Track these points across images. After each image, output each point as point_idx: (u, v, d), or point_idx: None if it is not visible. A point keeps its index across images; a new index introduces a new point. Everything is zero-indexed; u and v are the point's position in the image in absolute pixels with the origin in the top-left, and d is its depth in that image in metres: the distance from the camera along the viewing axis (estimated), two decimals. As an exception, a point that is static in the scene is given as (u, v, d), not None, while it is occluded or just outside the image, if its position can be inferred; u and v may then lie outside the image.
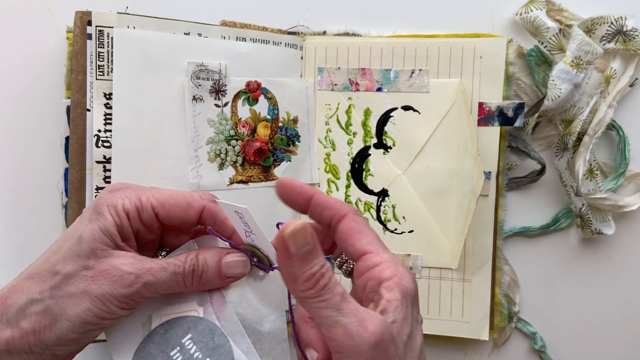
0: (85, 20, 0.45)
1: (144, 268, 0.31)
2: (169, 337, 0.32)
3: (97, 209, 0.32)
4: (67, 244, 0.31)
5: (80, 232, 0.31)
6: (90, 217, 0.31)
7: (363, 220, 0.33)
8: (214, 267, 0.33)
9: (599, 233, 0.50)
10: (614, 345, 0.53)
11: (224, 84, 0.49)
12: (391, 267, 0.30)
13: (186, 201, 0.33)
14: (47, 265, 0.31)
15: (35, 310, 0.30)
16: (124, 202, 0.32)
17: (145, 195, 0.33)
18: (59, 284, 0.30)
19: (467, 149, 0.48)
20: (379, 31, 0.53)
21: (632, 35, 0.49)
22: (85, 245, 0.30)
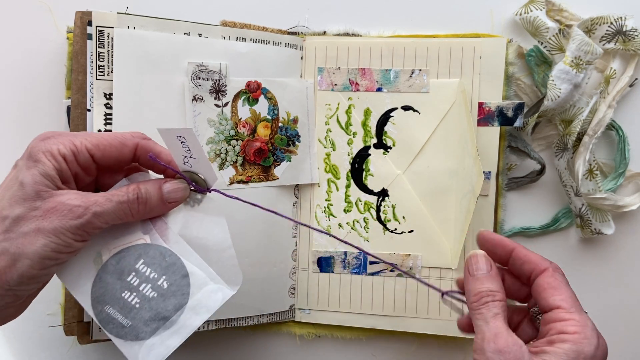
0: (86, 20, 0.45)
1: (90, 200, 0.33)
2: (122, 266, 0.35)
3: (32, 156, 0.33)
4: (8, 192, 0.32)
5: (21, 179, 0.32)
6: (27, 164, 0.33)
7: (563, 277, 0.36)
8: (156, 194, 0.35)
9: (599, 233, 0.51)
10: (614, 345, 0.53)
11: (224, 84, 0.49)
12: (578, 326, 0.33)
13: (119, 141, 0.35)
14: None
15: None
16: (59, 147, 0.33)
17: (79, 140, 0.34)
18: (10, 226, 0.32)
19: (467, 149, 0.48)
20: (379, 31, 0.53)
21: (632, 35, 0.49)
22: (28, 189, 0.32)
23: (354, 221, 0.53)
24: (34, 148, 0.33)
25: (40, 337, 0.53)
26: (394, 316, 0.52)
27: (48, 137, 0.34)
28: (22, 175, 0.32)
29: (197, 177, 0.36)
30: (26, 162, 0.33)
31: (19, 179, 0.32)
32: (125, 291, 0.35)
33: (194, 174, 0.36)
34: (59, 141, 0.34)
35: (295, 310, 0.54)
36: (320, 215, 0.53)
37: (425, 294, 0.52)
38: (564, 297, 0.34)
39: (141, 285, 0.35)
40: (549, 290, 0.35)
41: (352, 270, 0.53)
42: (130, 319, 0.34)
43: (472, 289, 0.36)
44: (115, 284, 0.35)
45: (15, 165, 0.34)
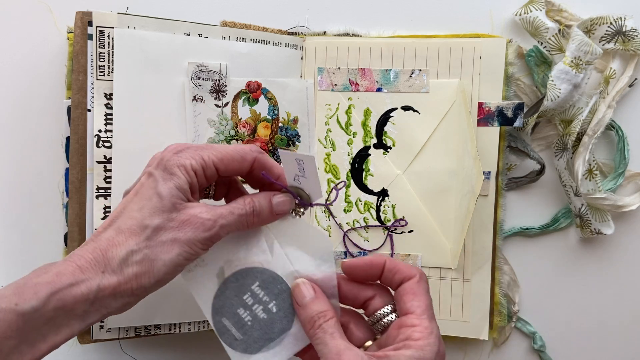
0: (86, 20, 0.45)
1: (217, 213, 0.36)
2: (240, 284, 0.39)
3: (168, 169, 0.36)
4: (149, 202, 0.35)
5: (159, 191, 0.35)
6: (164, 177, 0.36)
7: (426, 285, 0.38)
8: (267, 206, 0.39)
9: (599, 233, 0.51)
10: (613, 345, 0.53)
11: (224, 84, 0.49)
12: (424, 332, 0.35)
13: (240, 155, 0.38)
14: (135, 221, 0.35)
15: (136, 260, 0.34)
16: (192, 162, 0.37)
17: (206, 154, 0.37)
18: (151, 235, 0.35)
19: (467, 149, 0.48)
20: (378, 31, 0.53)
21: (632, 35, 0.49)
22: (166, 202, 0.35)
23: (354, 221, 0.53)
24: (169, 161, 0.36)
25: (41, 337, 0.53)
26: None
27: (180, 150, 0.37)
28: (159, 187, 0.36)
29: (301, 192, 0.39)
30: (162, 174, 0.36)
31: (157, 190, 0.36)
32: (240, 308, 0.39)
33: (299, 189, 0.39)
34: (191, 155, 0.37)
35: (295, 310, 0.54)
36: (320, 215, 0.53)
37: (425, 293, 0.52)
38: (419, 304, 0.36)
39: (254, 306, 0.39)
40: (408, 296, 0.37)
41: (352, 270, 0.53)
42: (242, 334, 0.38)
43: (303, 318, 0.37)
44: (233, 300, 0.39)
45: (150, 174, 0.37)
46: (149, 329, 0.48)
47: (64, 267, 0.33)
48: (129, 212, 0.36)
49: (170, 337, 0.53)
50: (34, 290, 0.32)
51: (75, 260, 0.34)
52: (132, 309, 0.38)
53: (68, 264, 0.34)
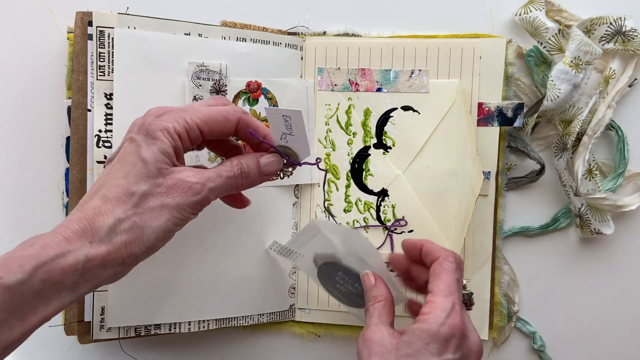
0: (86, 20, 0.45)
1: (205, 177, 0.36)
2: (330, 272, 0.46)
3: (150, 133, 0.35)
4: (134, 168, 0.35)
5: (143, 156, 0.35)
6: (146, 141, 0.35)
7: (449, 265, 0.40)
8: (255, 167, 0.39)
9: (598, 233, 0.51)
10: (613, 345, 0.53)
11: (224, 84, 0.49)
12: (432, 307, 0.38)
13: (223, 116, 0.38)
14: (121, 188, 0.34)
15: (124, 228, 0.34)
16: (175, 125, 0.36)
17: (189, 116, 0.37)
18: (138, 202, 0.34)
19: (467, 149, 0.48)
20: (378, 31, 0.53)
21: (631, 35, 0.49)
22: (151, 167, 0.35)
23: (354, 221, 0.53)
24: (150, 125, 0.35)
25: (41, 337, 0.53)
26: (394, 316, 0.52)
27: (161, 113, 0.36)
28: (143, 153, 0.35)
29: (289, 151, 0.40)
30: (145, 138, 0.35)
31: (141, 155, 0.35)
32: (337, 284, 0.47)
33: (287, 148, 0.40)
34: (173, 118, 0.36)
35: (295, 310, 0.54)
36: (320, 216, 0.53)
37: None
38: (437, 283, 0.39)
39: (345, 284, 0.46)
40: (432, 277, 0.40)
41: (352, 270, 0.53)
42: (346, 298, 0.47)
43: (366, 298, 0.42)
44: (328, 280, 0.47)
45: (132, 140, 0.36)
46: (149, 329, 0.48)
47: (50, 239, 0.33)
48: (114, 179, 0.35)
49: (170, 337, 0.53)
50: (19, 262, 0.31)
51: (61, 231, 0.33)
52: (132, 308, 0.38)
53: (54, 235, 0.33)
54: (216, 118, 0.38)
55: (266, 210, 0.51)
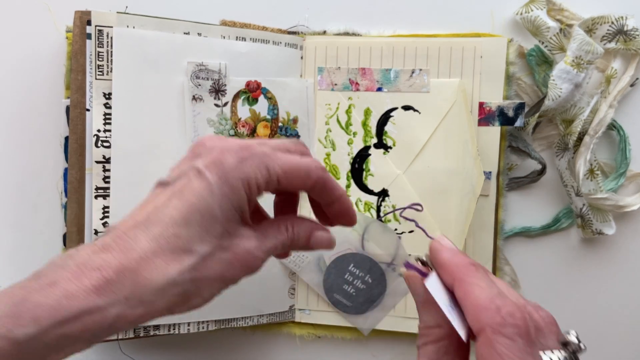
0: (85, 19, 0.45)
1: (267, 249, 0.32)
2: (340, 268, 0.49)
3: (229, 181, 0.30)
4: (197, 218, 0.29)
5: (213, 209, 0.29)
6: (222, 190, 0.29)
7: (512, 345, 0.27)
8: (304, 239, 0.35)
9: (600, 233, 0.50)
10: (615, 345, 0.53)
11: (223, 83, 0.49)
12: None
13: (305, 172, 0.33)
14: (180, 241, 0.29)
15: (174, 293, 0.29)
16: (257, 176, 0.31)
17: (272, 165, 0.31)
18: (196, 266, 0.29)
19: (468, 149, 0.48)
20: (379, 31, 0.52)
21: (633, 34, 0.49)
22: (219, 226, 0.30)
23: (354, 221, 0.53)
24: (232, 171, 0.30)
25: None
26: (395, 316, 0.52)
27: (245, 157, 0.30)
28: (214, 204, 0.29)
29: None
30: (220, 184, 0.29)
31: (211, 206, 0.29)
32: (345, 285, 0.49)
33: None
34: (257, 166, 0.31)
35: (295, 311, 0.54)
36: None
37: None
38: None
39: (354, 281, 0.49)
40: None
41: (352, 270, 0.52)
42: (351, 302, 0.50)
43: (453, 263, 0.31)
44: (338, 280, 0.49)
45: (201, 174, 0.30)
46: (148, 330, 0.47)
47: (77, 284, 0.27)
48: (171, 221, 0.29)
49: (169, 338, 0.53)
50: (34, 314, 0.26)
51: (93, 274, 0.27)
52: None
53: (82, 278, 0.27)
54: (298, 172, 0.32)
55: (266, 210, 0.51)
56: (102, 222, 0.45)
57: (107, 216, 0.45)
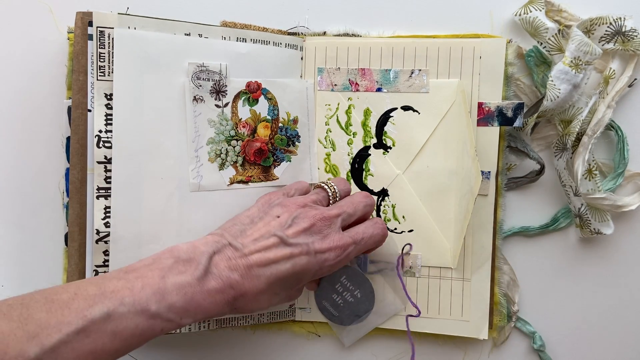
0: (86, 21, 0.45)
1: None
2: (332, 278, 0.50)
3: (323, 270, 0.43)
4: (293, 280, 0.42)
5: (303, 280, 0.43)
6: (316, 274, 0.43)
7: None
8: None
9: (598, 233, 0.51)
10: (613, 345, 0.53)
11: (224, 84, 0.49)
12: None
13: (375, 245, 0.47)
14: (277, 289, 0.42)
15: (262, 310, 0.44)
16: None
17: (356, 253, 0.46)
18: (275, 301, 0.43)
19: (466, 149, 0.48)
20: (378, 31, 0.53)
21: (631, 35, 0.49)
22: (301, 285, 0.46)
23: (354, 221, 0.53)
24: (328, 267, 0.43)
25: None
26: (394, 315, 0.52)
27: (341, 260, 0.44)
28: (306, 278, 0.43)
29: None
30: (317, 270, 0.43)
31: (304, 279, 0.43)
32: (334, 294, 0.50)
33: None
34: (342, 261, 0.44)
35: (295, 310, 0.54)
36: (320, 215, 0.53)
37: (425, 293, 0.52)
38: None
39: (344, 292, 0.50)
40: None
41: (352, 269, 0.53)
42: (338, 312, 0.51)
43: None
44: (328, 289, 0.50)
45: (309, 254, 0.42)
46: (150, 329, 0.48)
47: (218, 297, 0.39)
48: (280, 275, 0.41)
49: (170, 337, 0.53)
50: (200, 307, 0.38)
51: (230, 292, 0.39)
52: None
53: (223, 295, 0.39)
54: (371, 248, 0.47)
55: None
56: (104, 222, 0.45)
57: (109, 216, 0.45)
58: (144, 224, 0.46)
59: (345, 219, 0.44)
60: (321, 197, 0.46)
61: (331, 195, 0.47)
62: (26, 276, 0.52)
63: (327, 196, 0.47)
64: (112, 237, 0.45)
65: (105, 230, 0.45)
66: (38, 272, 0.52)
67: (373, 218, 0.46)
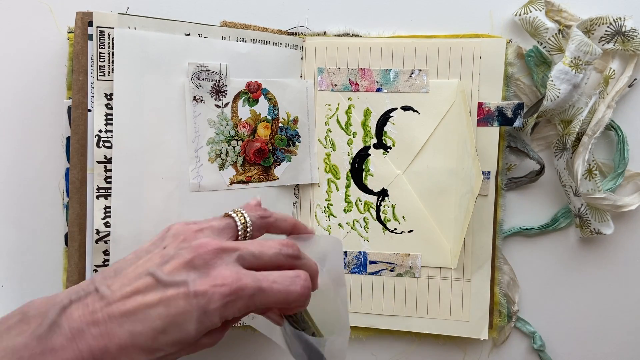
0: (86, 20, 0.45)
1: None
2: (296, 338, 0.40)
3: (210, 318, 0.32)
4: (175, 332, 0.32)
5: (189, 330, 0.32)
6: (204, 323, 0.32)
7: None
8: None
9: (598, 233, 0.51)
10: (613, 345, 0.53)
11: (224, 84, 0.49)
12: None
13: (286, 301, 0.34)
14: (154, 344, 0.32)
15: None
16: (239, 314, 0.34)
17: (257, 304, 0.34)
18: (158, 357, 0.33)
19: (467, 149, 0.48)
20: (378, 32, 0.53)
21: (631, 35, 0.49)
22: (190, 340, 0.33)
23: (354, 221, 0.53)
24: (216, 311, 0.32)
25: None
26: (394, 315, 0.52)
27: (232, 301, 0.33)
28: (192, 328, 0.32)
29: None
30: (203, 318, 0.32)
31: (189, 329, 0.32)
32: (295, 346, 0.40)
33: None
34: (240, 309, 0.33)
35: (295, 310, 0.54)
36: (320, 215, 0.53)
37: (425, 294, 0.52)
38: None
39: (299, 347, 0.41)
40: None
41: (352, 269, 0.53)
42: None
43: None
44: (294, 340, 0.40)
45: (188, 297, 0.32)
46: (149, 329, 0.48)
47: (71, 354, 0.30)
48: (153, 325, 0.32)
49: (170, 337, 0.53)
50: None
51: (85, 345, 0.31)
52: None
53: (79, 345, 0.31)
54: (282, 302, 0.35)
55: (266, 210, 0.51)
56: (104, 222, 0.45)
57: (109, 216, 0.45)
58: (144, 224, 0.46)
59: (245, 257, 0.34)
60: (224, 225, 0.36)
61: (240, 225, 0.36)
62: (26, 276, 0.52)
63: (233, 225, 0.36)
64: (112, 237, 0.45)
65: (105, 230, 0.45)
66: (38, 272, 0.52)
67: (298, 271, 0.35)
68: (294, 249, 0.36)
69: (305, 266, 0.36)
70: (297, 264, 0.36)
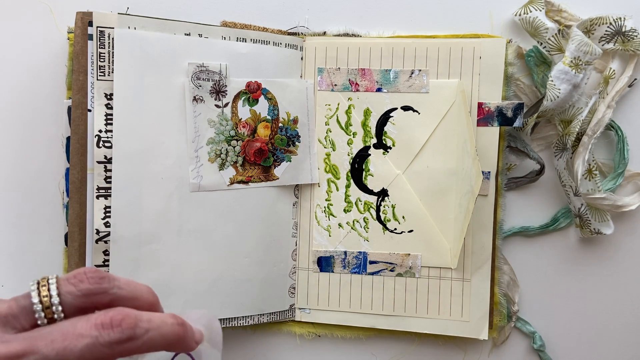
0: (86, 20, 0.45)
1: None
2: None
3: None
4: None
5: None
6: None
7: None
8: None
9: (598, 233, 0.51)
10: (613, 344, 0.53)
11: (224, 84, 0.49)
12: None
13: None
14: None
15: None
16: None
17: None
18: None
19: (466, 149, 0.48)
20: (378, 32, 0.53)
21: (631, 35, 0.49)
22: None
23: (354, 221, 0.53)
24: None
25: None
26: (394, 316, 0.52)
27: None
28: None
29: None
30: None
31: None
32: None
33: None
34: None
35: (295, 310, 0.54)
36: (320, 215, 0.53)
37: (425, 294, 0.52)
38: None
39: None
40: None
41: (352, 269, 0.53)
42: None
43: None
44: None
45: None
46: (149, 329, 0.48)
47: None
48: None
49: (170, 337, 0.53)
50: None
51: None
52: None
53: None
54: None
55: (266, 210, 0.51)
56: (104, 222, 0.45)
57: (109, 216, 0.45)
58: (144, 224, 0.46)
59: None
60: (16, 310, 0.25)
61: (42, 307, 0.25)
62: (26, 276, 0.52)
63: (29, 309, 0.25)
64: (112, 237, 0.45)
65: (105, 230, 0.45)
66: (38, 272, 0.52)
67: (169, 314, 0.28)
68: (123, 328, 0.24)
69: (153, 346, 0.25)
70: (132, 347, 0.24)
